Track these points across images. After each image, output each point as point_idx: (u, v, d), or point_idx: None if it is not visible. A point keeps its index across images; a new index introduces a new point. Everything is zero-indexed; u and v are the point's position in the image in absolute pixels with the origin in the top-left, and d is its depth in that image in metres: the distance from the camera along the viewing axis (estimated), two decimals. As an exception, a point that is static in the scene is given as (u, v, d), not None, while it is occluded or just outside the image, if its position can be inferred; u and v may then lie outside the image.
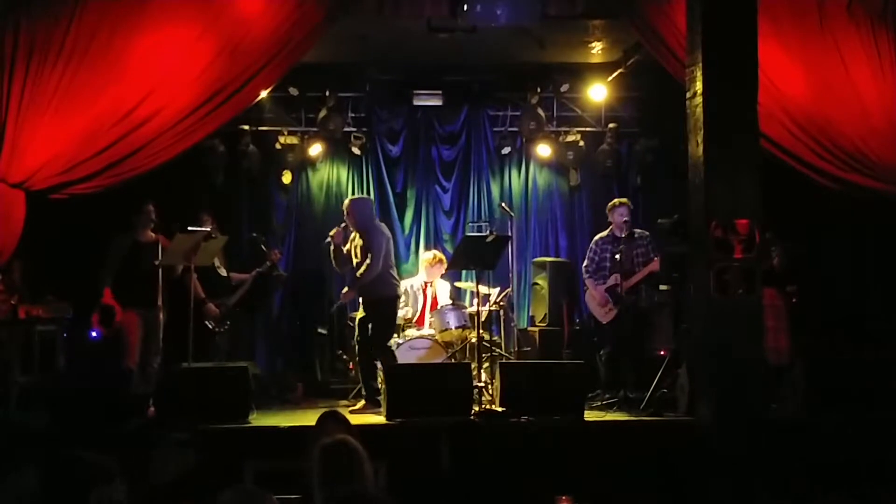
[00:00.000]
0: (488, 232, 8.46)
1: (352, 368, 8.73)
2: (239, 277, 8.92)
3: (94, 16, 7.05)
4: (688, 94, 6.72)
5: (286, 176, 10.09)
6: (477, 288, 8.04)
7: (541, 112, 10.10)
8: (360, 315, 8.00)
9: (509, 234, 8.49)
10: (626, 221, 8.14)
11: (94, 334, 8.28)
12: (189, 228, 7.62)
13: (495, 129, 10.53)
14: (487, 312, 8.57)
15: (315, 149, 10.08)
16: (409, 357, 8.06)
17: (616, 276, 8.03)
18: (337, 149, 10.30)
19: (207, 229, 7.86)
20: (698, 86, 6.56)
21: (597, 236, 8.40)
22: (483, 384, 7.54)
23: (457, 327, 8.43)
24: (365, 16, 7.69)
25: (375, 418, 7.13)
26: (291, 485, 4.03)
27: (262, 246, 9.14)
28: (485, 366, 7.81)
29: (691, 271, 6.84)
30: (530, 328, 9.71)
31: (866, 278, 8.67)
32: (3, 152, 6.93)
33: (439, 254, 9.20)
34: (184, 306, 7.32)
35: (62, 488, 3.53)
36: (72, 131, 7.01)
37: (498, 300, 8.65)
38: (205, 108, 7.26)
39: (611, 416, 7.40)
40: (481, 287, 8.14)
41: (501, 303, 8.67)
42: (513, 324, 9.26)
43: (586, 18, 8.33)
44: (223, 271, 8.78)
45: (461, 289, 9.42)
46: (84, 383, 7.27)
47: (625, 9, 7.71)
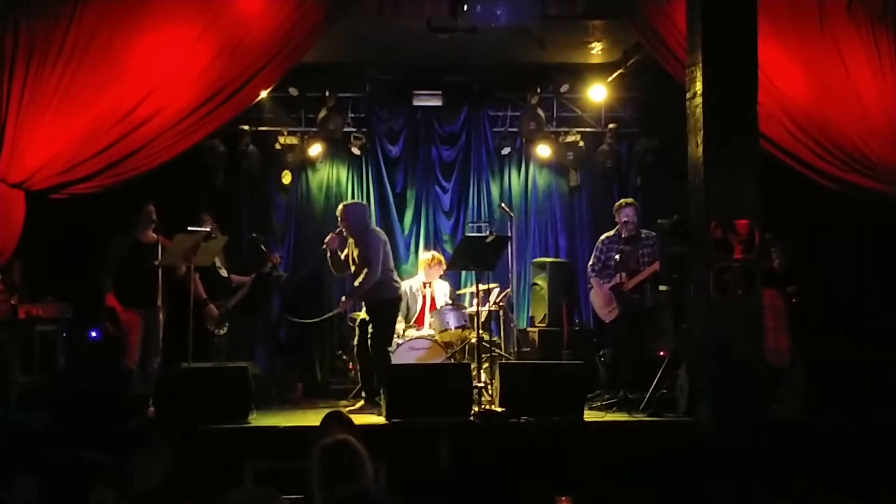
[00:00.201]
0: (488, 232, 8.45)
1: (351, 369, 8.73)
2: (239, 280, 8.92)
3: (94, 16, 7.05)
4: (688, 95, 6.72)
5: (286, 176, 10.08)
6: (477, 287, 8.04)
7: (541, 112, 10.09)
8: (361, 316, 8.00)
9: (509, 234, 8.47)
10: (632, 222, 8.14)
11: (93, 334, 8.29)
12: (189, 228, 7.61)
13: (495, 129, 10.51)
14: (487, 313, 8.57)
15: (315, 149, 10.07)
16: (409, 357, 8.05)
17: (620, 274, 8.03)
18: (337, 149, 10.29)
19: (207, 229, 7.85)
20: (698, 86, 6.56)
21: (603, 235, 8.39)
22: (483, 384, 7.54)
23: (456, 327, 8.43)
24: (365, 16, 7.68)
25: (375, 418, 7.12)
26: (291, 485, 4.03)
27: (261, 246, 9.13)
28: (484, 366, 7.81)
29: (691, 272, 6.84)
30: (530, 328, 9.70)
31: (866, 279, 8.67)
32: (2, 152, 6.93)
33: (438, 254, 9.20)
34: (184, 307, 7.31)
35: (62, 490, 3.53)
36: (72, 131, 7.00)
37: (497, 300, 8.64)
38: (205, 109, 7.26)
39: (610, 417, 7.40)
40: (482, 285, 8.14)
41: (501, 303, 8.66)
42: (512, 324, 9.25)
43: (586, 19, 8.32)
44: (224, 272, 8.77)
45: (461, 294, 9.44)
46: (84, 383, 7.27)
47: (625, 9, 7.71)
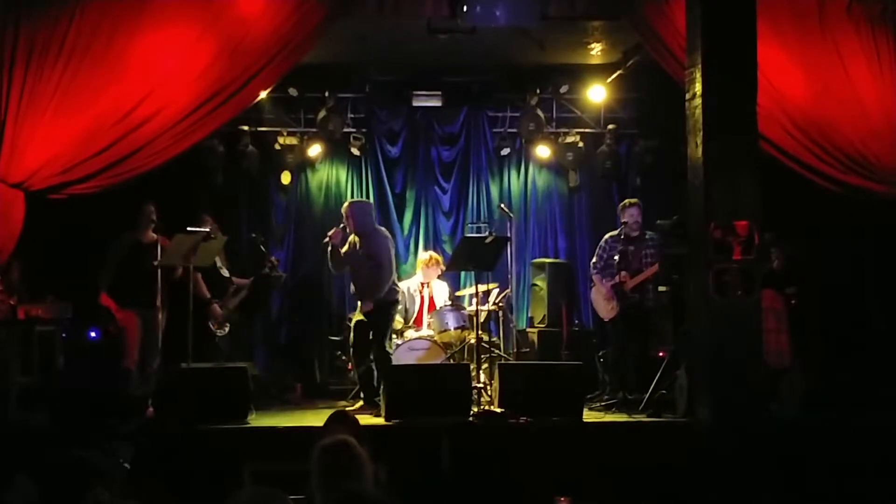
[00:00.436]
0: (487, 233, 8.44)
1: (350, 369, 8.72)
2: (239, 282, 8.91)
3: (95, 16, 7.05)
4: (687, 96, 6.73)
5: (285, 176, 10.08)
6: (476, 288, 8.04)
7: (540, 113, 10.09)
8: (356, 318, 7.98)
9: (508, 235, 8.48)
10: (636, 222, 8.13)
11: (93, 334, 8.28)
12: (188, 229, 7.61)
13: (495, 130, 10.51)
14: (486, 313, 8.57)
15: (314, 149, 10.07)
16: (408, 358, 8.05)
17: (622, 273, 8.02)
18: (336, 149, 10.28)
19: (207, 229, 7.84)
20: (698, 87, 6.56)
21: (607, 234, 8.37)
22: (482, 385, 7.55)
23: (456, 328, 8.43)
24: (365, 16, 7.68)
25: (374, 419, 7.12)
26: (291, 485, 4.02)
27: (261, 247, 9.13)
28: (484, 367, 7.81)
29: (691, 272, 6.85)
30: (529, 329, 9.71)
31: (866, 280, 8.67)
32: (2, 152, 6.93)
33: (436, 255, 9.19)
34: (184, 307, 7.31)
35: (58, 490, 3.53)
36: (71, 131, 7.00)
37: (497, 301, 8.64)
38: (204, 109, 7.26)
39: (610, 418, 7.41)
40: (481, 286, 8.14)
41: (500, 304, 8.66)
42: (512, 325, 9.25)
43: (586, 19, 8.33)
44: (225, 272, 8.76)
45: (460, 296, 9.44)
46: (83, 384, 7.27)
47: (624, 10, 7.71)
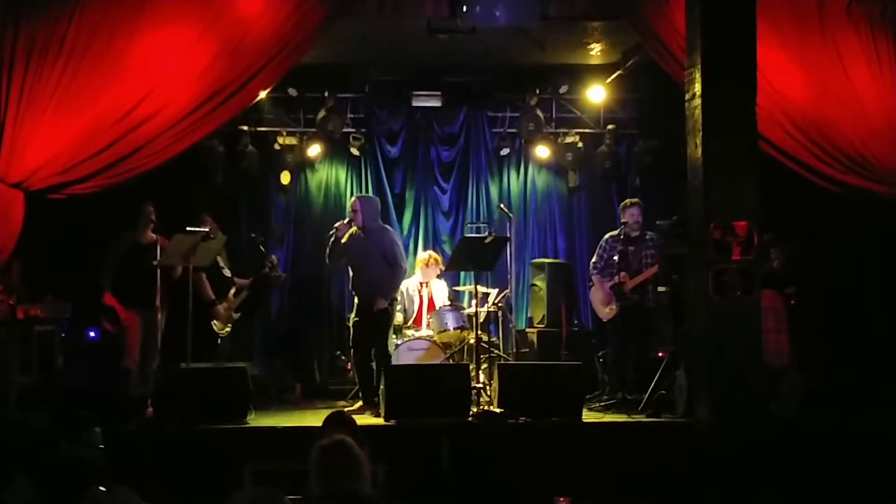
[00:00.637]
0: (487, 233, 8.44)
1: (350, 369, 8.72)
2: (240, 282, 8.90)
3: (94, 15, 7.04)
4: (687, 96, 6.73)
5: (285, 176, 10.07)
6: (475, 288, 8.04)
7: (540, 113, 10.08)
8: (354, 318, 7.98)
9: (508, 235, 8.47)
10: (637, 222, 8.13)
11: (92, 334, 8.28)
12: (187, 229, 7.60)
13: (494, 130, 10.50)
14: (486, 313, 8.57)
15: (314, 149, 10.06)
16: (408, 358, 8.05)
17: (622, 274, 8.01)
18: (336, 149, 10.28)
19: (206, 229, 7.83)
20: (697, 87, 6.56)
21: (607, 234, 8.37)
22: (481, 385, 7.55)
23: (455, 328, 8.42)
24: (364, 16, 7.68)
25: (374, 419, 7.12)
26: (290, 485, 4.03)
27: (260, 246, 9.12)
28: (483, 367, 7.81)
29: (690, 272, 6.85)
30: (528, 329, 9.71)
31: (865, 280, 8.67)
32: (2, 152, 6.92)
33: (434, 254, 9.18)
34: (184, 307, 7.31)
35: (58, 489, 3.53)
36: (71, 131, 7.00)
37: (496, 301, 8.64)
38: (204, 109, 7.25)
39: (609, 418, 7.41)
40: (481, 286, 8.14)
41: (500, 304, 8.66)
42: (511, 325, 9.24)
43: (585, 20, 8.32)
44: (227, 272, 8.75)
45: (459, 291, 9.43)
46: (82, 384, 7.27)
47: (624, 10, 7.70)
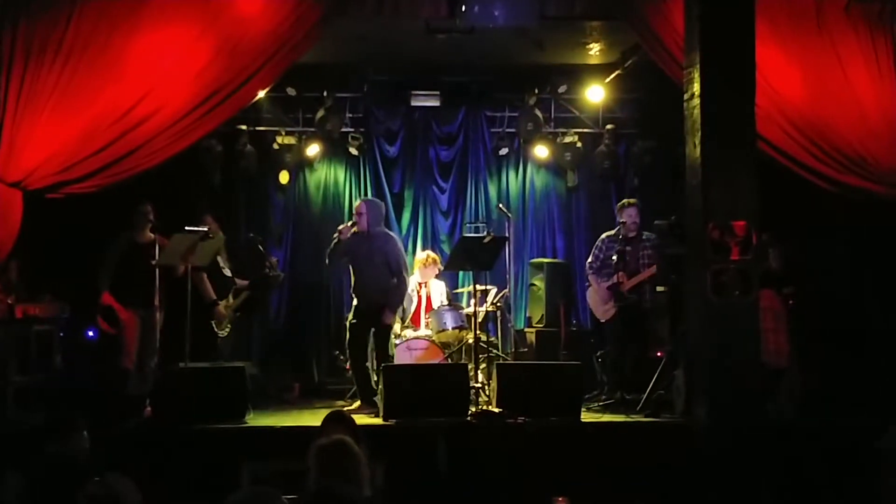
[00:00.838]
0: (485, 233, 8.43)
1: (348, 369, 8.72)
2: (239, 283, 8.88)
3: (93, 15, 7.04)
4: (685, 96, 6.73)
5: (284, 176, 10.07)
6: (474, 287, 8.04)
7: (538, 113, 10.09)
8: (351, 319, 7.97)
9: (506, 234, 8.48)
10: (634, 222, 8.13)
11: (90, 334, 8.27)
12: (186, 228, 7.60)
13: (493, 129, 10.51)
14: (484, 313, 8.57)
15: (312, 149, 10.06)
16: (406, 358, 8.05)
17: (619, 274, 8.01)
18: (334, 149, 10.28)
19: (205, 229, 7.83)
20: (696, 87, 6.56)
21: (604, 234, 8.37)
22: (480, 385, 7.55)
23: (454, 328, 8.42)
24: (363, 16, 7.68)
25: (372, 419, 7.12)
26: (288, 485, 4.03)
27: (259, 246, 9.12)
28: (482, 367, 7.81)
29: (689, 272, 6.85)
30: (527, 329, 9.71)
31: (864, 280, 8.67)
32: (0, 151, 6.92)
33: (433, 254, 9.18)
34: (183, 306, 7.30)
35: (50, 487, 3.53)
36: (69, 130, 6.99)
37: (495, 301, 8.64)
38: (202, 108, 7.25)
39: (607, 418, 7.41)
40: (479, 286, 8.14)
41: (498, 304, 8.66)
42: (510, 325, 9.24)
43: (584, 19, 8.32)
44: (227, 272, 8.74)
45: (458, 293, 9.44)
46: (81, 383, 7.27)
47: (623, 10, 7.71)
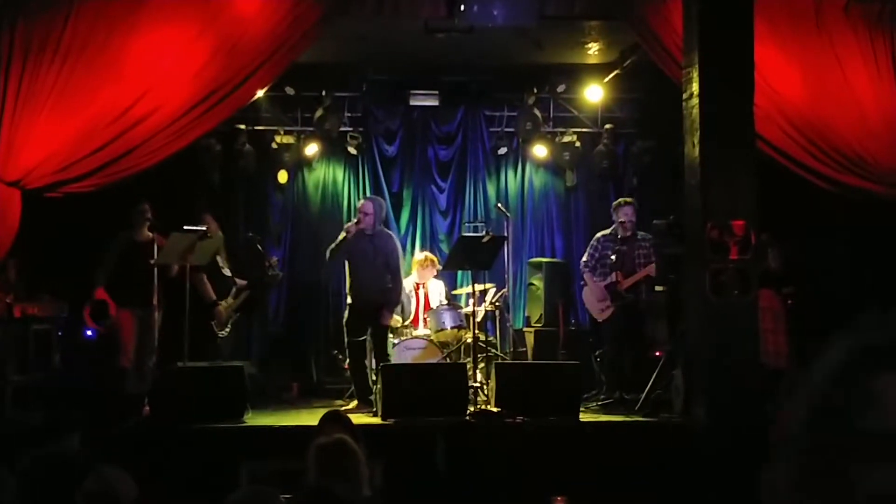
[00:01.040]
0: (484, 232, 8.43)
1: (347, 368, 8.72)
2: (239, 283, 8.87)
3: (91, 15, 7.04)
4: (684, 96, 6.73)
5: (282, 175, 10.06)
6: (473, 287, 8.04)
7: (537, 113, 10.09)
8: (347, 318, 7.97)
9: (505, 234, 8.48)
10: (630, 221, 8.13)
11: (89, 333, 8.26)
12: (185, 228, 7.59)
13: (492, 129, 10.51)
14: (483, 313, 8.56)
15: (311, 148, 10.06)
16: (405, 357, 8.05)
17: (616, 273, 8.01)
18: (333, 148, 10.28)
19: (203, 228, 7.82)
20: (695, 87, 6.57)
21: (599, 233, 8.38)
22: (478, 384, 7.54)
23: (452, 327, 8.42)
24: (362, 16, 7.68)
25: (370, 418, 7.12)
26: (287, 484, 4.03)
27: (258, 246, 9.11)
28: (480, 366, 7.81)
29: (687, 272, 6.85)
30: (526, 329, 9.70)
31: (864, 280, 8.67)
32: (-1, 150, 6.93)
33: (430, 255, 9.17)
34: (181, 306, 7.30)
35: (48, 487, 3.52)
36: (68, 130, 6.99)
37: (494, 300, 8.64)
38: (201, 108, 7.25)
39: (606, 417, 7.41)
40: (478, 285, 8.14)
41: (497, 303, 8.66)
42: (508, 324, 9.24)
43: (583, 19, 8.33)
44: (227, 271, 8.74)
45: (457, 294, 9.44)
46: (79, 382, 7.26)
47: (622, 10, 7.71)
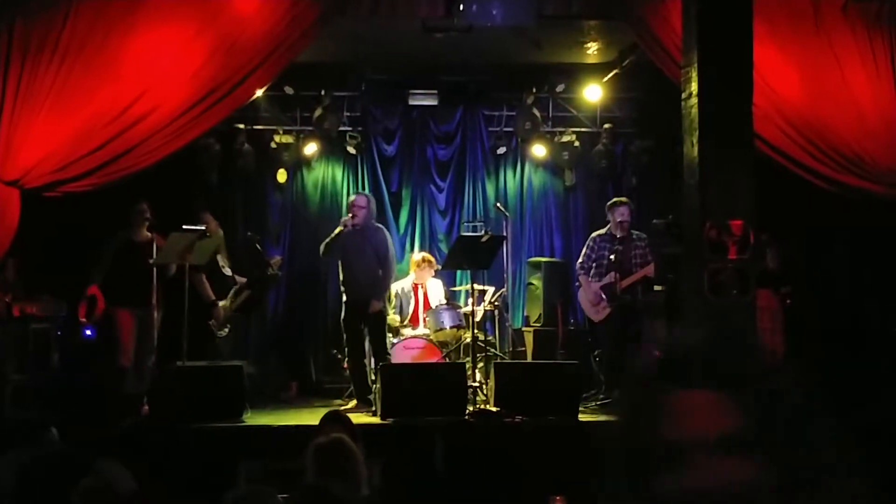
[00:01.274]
0: (483, 232, 8.44)
1: (346, 368, 8.72)
2: (239, 282, 8.87)
3: (90, 14, 7.04)
4: (683, 95, 6.73)
5: (281, 175, 10.06)
6: (472, 287, 8.04)
7: (536, 112, 10.09)
8: (344, 316, 7.97)
9: (504, 234, 8.48)
10: (626, 221, 8.12)
11: (88, 333, 8.27)
12: (183, 227, 7.59)
13: (491, 128, 10.51)
14: (482, 312, 8.57)
15: (310, 148, 10.06)
16: (404, 357, 8.05)
17: (612, 274, 8.01)
18: (332, 148, 10.28)
19: (202, 228, 7.82)
20: (693, 87, 6.56)
21: (594, 233, 8.38)
22: (477, 384, 7.55)
23: (451, 327, 8.42)
24: (360, 15, 7.67)
25: (369, 418, 7.12)
26: (285, 483, 4.03)
27: (257, 245, 9.12)
28: (479, 366, 7.81)
29: (686, 272, 6.85)
30: (525, 328, 9.70)
31: (863, 280, 8.68)
32: (-3, 150, 6.93)
33: (428, 255, 9.18)
34: (180, 305, 7.29)
35: (45, 485, 3.52)
36: (66, 129, 6.99)
37: (492, 300, 8.64)
38: (199, 107, 7.25)
39: (605, 417, 7.41)
40: (477, 285, 8.15)
41: (496, 303, 8.66)
42: (507, 324, 9.24)
43: (582, 19, 8.34)
44: (228, 270, 8.74)
45: (456, 291, 9.44)
46: (78, 382, 7.26)
47: (621, 9, 7.71)
